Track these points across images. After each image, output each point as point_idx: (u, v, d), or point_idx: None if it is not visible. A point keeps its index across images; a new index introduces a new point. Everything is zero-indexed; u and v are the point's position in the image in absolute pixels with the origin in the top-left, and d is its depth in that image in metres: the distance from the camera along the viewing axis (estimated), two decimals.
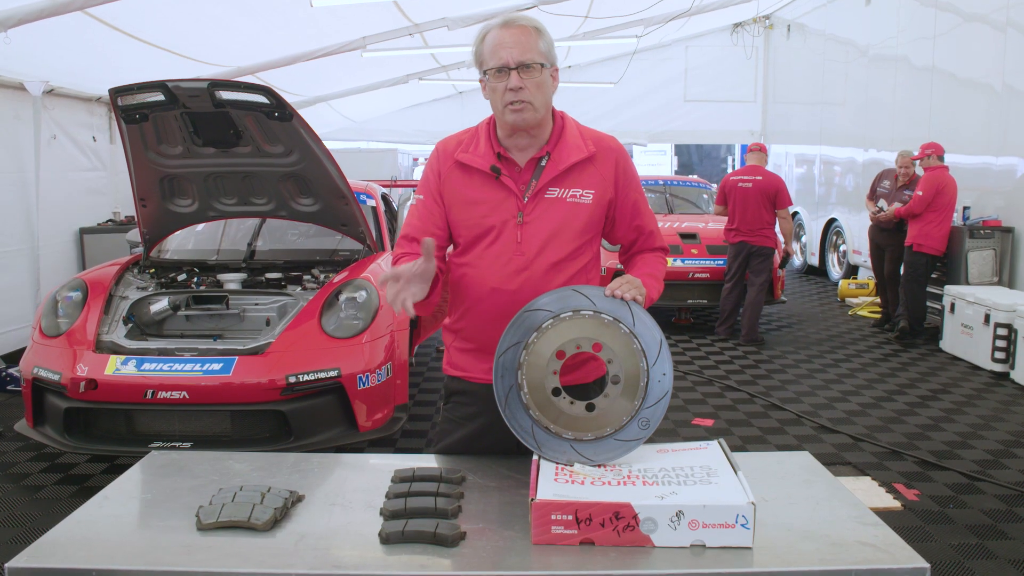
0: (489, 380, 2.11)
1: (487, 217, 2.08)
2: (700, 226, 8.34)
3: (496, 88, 2.02)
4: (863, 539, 1.65)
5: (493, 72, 2.01)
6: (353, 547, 1.64)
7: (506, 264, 2.07)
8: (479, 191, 2.09)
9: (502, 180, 2.07)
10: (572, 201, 2.08)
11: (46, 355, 4.08)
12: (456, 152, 2.12)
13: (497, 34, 2.02)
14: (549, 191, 2.07)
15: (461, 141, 2.14)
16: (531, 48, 2.00)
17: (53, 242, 7.10)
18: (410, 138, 14.84)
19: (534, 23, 2.04)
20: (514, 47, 1.99)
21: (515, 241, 2.06)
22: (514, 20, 2.04)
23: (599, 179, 2.10)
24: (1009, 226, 7.23)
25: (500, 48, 2.00)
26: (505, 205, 2.07)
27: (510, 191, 2.07)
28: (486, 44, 2.04)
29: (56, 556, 1.59)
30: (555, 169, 2.07)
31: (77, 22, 5.45)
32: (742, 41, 13.89)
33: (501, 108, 2.03)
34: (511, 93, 2.00)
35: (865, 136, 10.22)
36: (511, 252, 2.07)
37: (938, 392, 5.86)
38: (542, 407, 1.86)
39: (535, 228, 2.06)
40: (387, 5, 7.19)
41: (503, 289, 2.07)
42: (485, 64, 2.04)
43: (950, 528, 3.63)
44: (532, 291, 2.04)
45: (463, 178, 2.11)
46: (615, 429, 1.85)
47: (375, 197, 5.87)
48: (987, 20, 7.66)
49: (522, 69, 1.99)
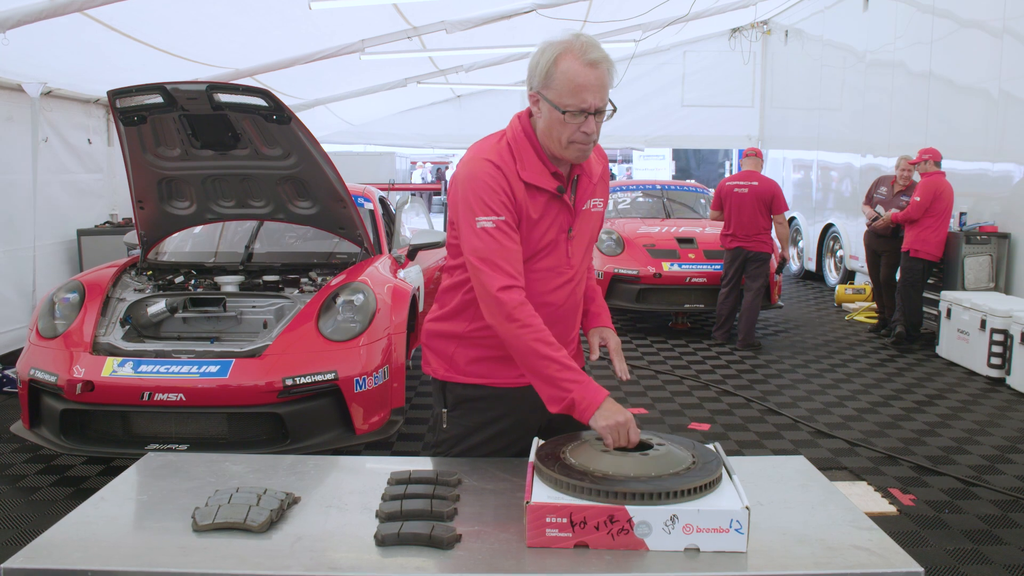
0: (516, 383, 2.14)
1: (547, 234, 2.11)
2: (697, 231, 8.35)
3: (568, 123, 1.98)
4: (858, 543, 1.66)
5: (572, 113, 1.96)
6: (349, 549, 1.64)
7: (557, 277, 2.15)
8: (542, 209, 2.09)
9: (563, 198, 2.11)
10: (596, 211, 2.21)
11: (43, 357, 4.08)
12: (524, 174, 2.06)
13: (582, 72, 1.95)
14: (586, 204, 2.17)
15: (511, 158, 2.06)
16: (607, 91, 2.00)
17: (50, 244, 7.10)
18: (408, 141, 14.83)
19: (609, 59, 2.00)
20: (597, 92, 1.97)
21: (565, 255, 2.14)
22: (597, 61, 1.96)
23: (604, 188, 2.24)
24: (1005, 232, 7.24)
25: (585, 91, 1.95)
26: (559, 221, 2.12)
27: (564, 206, 2.12)
28: (563, 75, 1.96)
29: (52, 557, 1.59)
30: (589, 182, 2.17)
31: (75, 23, 5.45)
32: (740, 46, 13.90)
33: (566, 143, 2.01)
34: (583, 135, 2.00)
35: (862, 141, 10.24)
36: (563, 266, 2.15)
37: (934, 397, 5.87)
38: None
39: (579, 241, 2.17)
40: (386, 7, 7.20)
41: (551, 302, 2.14)
42: (559, 100, 1.97)
43: (945, 533, 3.64)
44: (574, 302, 2.20)
45: (528, 197, 2.07)
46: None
47: (373, 200, 5.88)
48: (984, 26, 7.68)
49: (598, 114, 2.00)
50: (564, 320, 2.19)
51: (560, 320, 2.17)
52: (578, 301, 2.23)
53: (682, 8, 9.39)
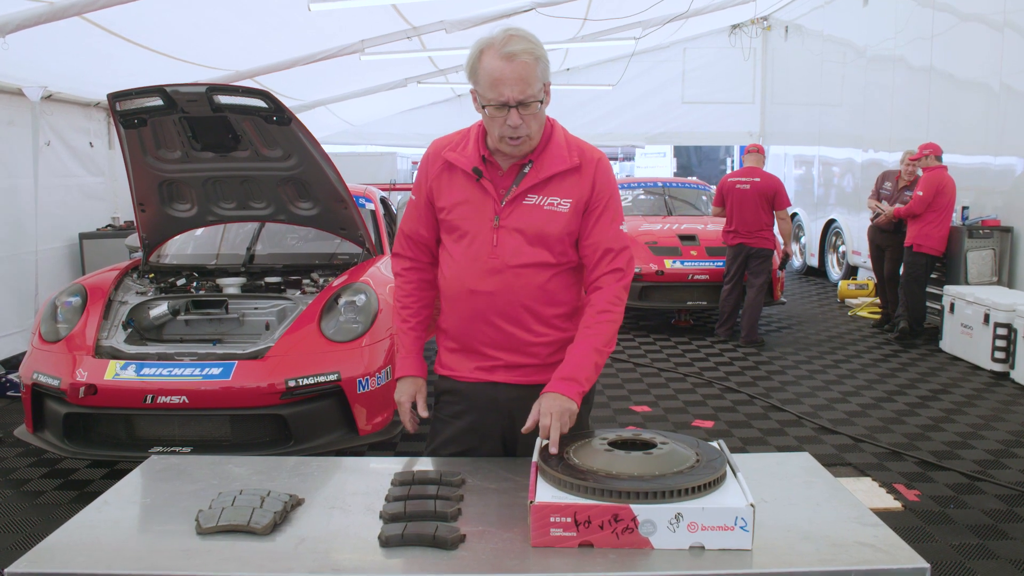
0: (473, 379, 2.16)
1: (466, 218, 2.13)
2: (699, 228, 8.34)
3: (495, 117, 2.01)
4: (863, 540, 1.65)
5: (493, 107, 1.99)
6: (353, 550, 1.64)
7: (482, 265, 2.11)
8: (461, 191, 2.13)
9: (482, 183, 2.10)
10: (550, 209, 2.10)
11: (45, 360, 4.08)
12: (445, 150, 2.16)
13: (497, 66, 1.95)
14: (528, 198, 2.11)
15: (452, 141, 2.18)
16: (531, 83, 1.97)
17: (52, 247, 7.10)
18: (409, 141, 14.83)
19: (533, 52, 1.97)
20: (515, 84, 1.95)
21: (491, 244, 2.10)
22: (514, 54, 1.95)
23: (578, 189, 2.11)
24: (1008, 226, 7.23)
25: (501, 84, 1.96)
26: (483, 207, 2.11)
27: (488, 194, 2.11)
28: (484, 70, 1.98)
29: (56, 561, 1.59)
30: (536, 177, 2.10)
31: (75, 27, 5.45)
32: (740, 43, 13.89)
33: (497, 137, 2.05)
34: (510, 129, 2.00)
35: (863, 137, 10.23)
36: (486, 255, 2.11)
37: (938, 392, 5.86)
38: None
39: (511, 232, 2.10)
40: (385, 8, 7.20)
41: (479, 290, 2.12)
42: (482, 94, 2.01)
43: (951, 528, 3.63)
44: (508, 294, 2.10)
45: (449, 177, 2.15)
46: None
47: (374, 201, 5.88)
48: (985, 20, 7.66)
49: (522, 107, 1.98)
50: (505, 315, 2.12)
51: (499, 313, 2.12)
52: (525, 300, 2.12)
53: (682, 5, 9.38)
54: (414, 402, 2.26)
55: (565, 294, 2.17)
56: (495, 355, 2.16)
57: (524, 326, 2.14)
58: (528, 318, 2.14)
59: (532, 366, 2.16)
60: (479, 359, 2.19)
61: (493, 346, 2.16)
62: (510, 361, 2.16)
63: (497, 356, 2.16)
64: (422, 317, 2.30)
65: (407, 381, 2.27)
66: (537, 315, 2.14)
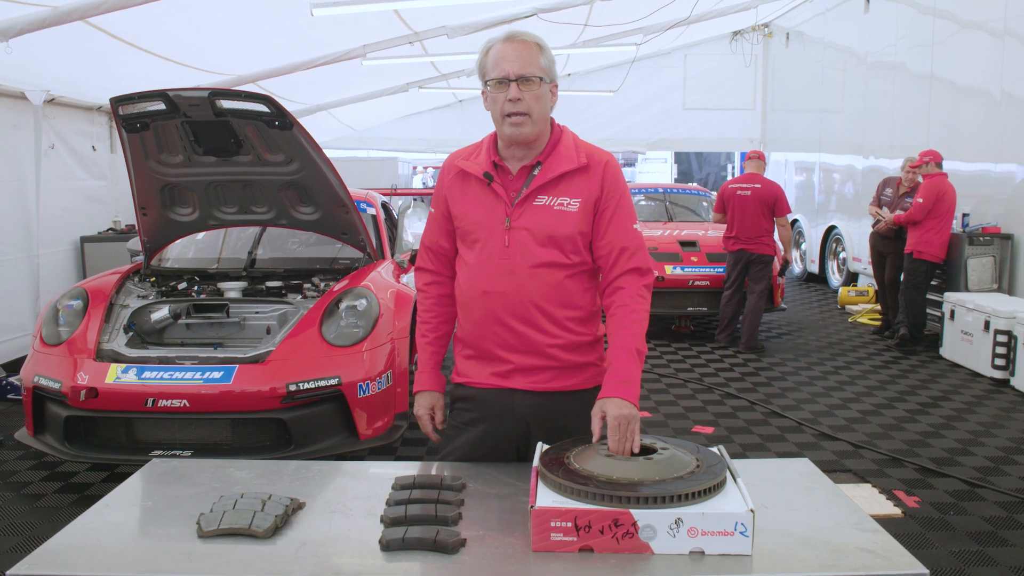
0: (489, 385, 2.16)
1: (479, 222, 2.16)
2: (700, 234, 8.35)
3: (496, 98, 2.09)
4: (863, 545, 1.66)
5: (494, 83, 2.08)
6: (354, 554, 1.65)
7: (495, 267, 2.14)
8: (474, 197, 2.18)
9: (493, 186, 2.14)
10: (559, 209, 2.13)
11: (47, 363, 4.08)
12: (458, 160, 2.22)
13: (500, 48, 2.10)
14: (538, 198, 2.14)
15: (466, 152, 2.24)
16: (532, 62, 2.08)
17: (53, 251, 7.11)
18: (410, 146, 14.85)
19: (536, 39, 2.11)
20: (516, 60, 2.07)
21: (503, 245, 2.13)
22: (517, 35, 2.11)
23: (587, 189, 2.14)
24: (1008, 233, 7.23)
25: (502, 61, 2.08)
26: (495, 210, 2.15)
27: (499, 197, 2.15)
28: (489, 57, 2.11)
29: (57, 564, 1.59)
30: (544, 177, 2.13)
31: (78, 31, 5.46)
32: (741, 49, 13.92)
33: (500, 119, 2.11)
34: (510, 104, 2.06)
35: (864, 143, 10.24)
36: (499, 256, 2.14)
37: (938, 399, 5.86)
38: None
39: (522, 233, 2.13)
40: (387, 13, 7.21)
41: (492, 291, 2.14)
42: (487, 75, 2.11)
43: (951, 535, 3.63)
44: (521, 294, 2.12)
45: (462, 185, 2.20)
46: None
47: (375, 205, 5.89)
48: (985, 27, 7.68)
49: (522, 82, 2.06)
50: (517, 314, 2.13)
51: (512, 313, 2.13)
52: (537, 300, 2.12)
53: (683, 11, 9.39)
54: (432, 414, 2.32)
55: (579, 297, 2.17)
56: (509, 358, 2.17)
57: (537, 326, 2.14)
58: (540, 318, 2.14)
59: (548, 370, 2.16)
60: (494, 364, 2.19)
61: (507, 348, 2.16)
62: (525, 364, 2.16)
63: (511, 359, 2.16)
64: (441, 332, 2.33)
65: (425, 395, 2.32)
66: (549, 316, 2.14)
